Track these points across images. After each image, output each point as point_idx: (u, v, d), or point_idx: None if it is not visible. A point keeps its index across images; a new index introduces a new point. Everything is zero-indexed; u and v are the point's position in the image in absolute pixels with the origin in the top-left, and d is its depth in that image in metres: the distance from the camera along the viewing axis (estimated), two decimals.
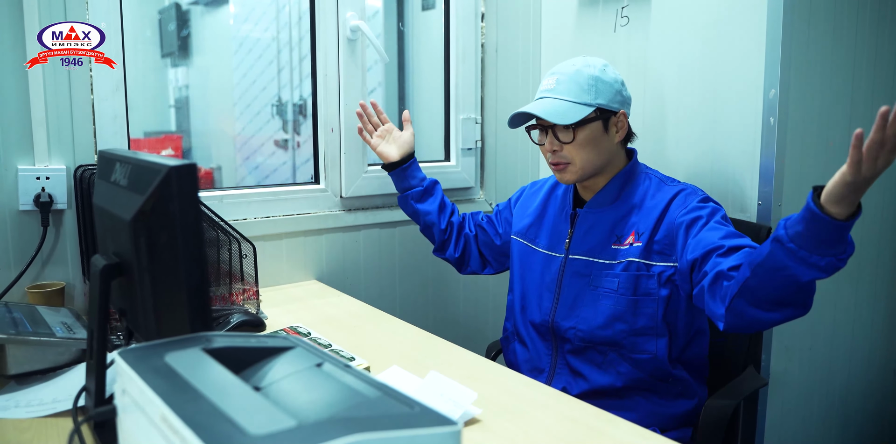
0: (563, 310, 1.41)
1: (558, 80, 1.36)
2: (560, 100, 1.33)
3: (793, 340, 1.70)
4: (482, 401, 1.06)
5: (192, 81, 4.99)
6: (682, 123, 1.74)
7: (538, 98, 1.38)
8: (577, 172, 1.37)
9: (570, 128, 1.34)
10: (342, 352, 1.26)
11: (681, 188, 1.36)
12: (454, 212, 1.70)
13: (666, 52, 1.76)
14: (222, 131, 4.71)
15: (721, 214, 1.29)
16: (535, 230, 1.50)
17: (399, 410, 0.65)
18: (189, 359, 0.74)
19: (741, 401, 1.55)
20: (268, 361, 0.79)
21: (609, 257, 1.36)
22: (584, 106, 1.33)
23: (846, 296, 1.80)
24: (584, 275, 1.39)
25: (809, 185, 1.66)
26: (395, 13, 3.30)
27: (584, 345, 1.38)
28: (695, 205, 1.30)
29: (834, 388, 1.84)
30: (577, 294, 1.39)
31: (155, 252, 0.88)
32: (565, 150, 1.35)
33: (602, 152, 1.37)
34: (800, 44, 1.56)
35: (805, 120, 1.61)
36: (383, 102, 3.54)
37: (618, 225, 1.37)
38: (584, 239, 1.40)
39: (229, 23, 4.81)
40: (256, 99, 4.56)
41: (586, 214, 1.41)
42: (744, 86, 1.60)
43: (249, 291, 1.50)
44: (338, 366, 0.74)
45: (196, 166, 0.82)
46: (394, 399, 0.67)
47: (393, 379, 1.14)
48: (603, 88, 1.35)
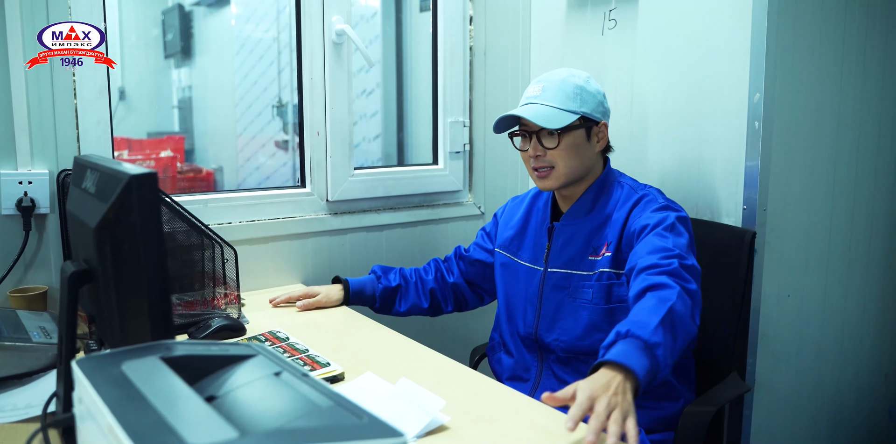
0: (545, 322, 1.41)
1: (544, 87, 1.37)
2: (546, 106, 1.34)
3: (780, 345, 1.69)
4: (454, 408, 1.06)
5: (195, 82, 5.01)
6: (668, 126, 1.73)
7: (524, 104, 1.39)
8: (559, 179, 1.37)
9: (555, 133, 1.34)
10: (318, 358, 1.26)
11: (642, 195, 1.37)
12: (424, 281, 1.63)
13: (653, 56, 1.75)
14: (224, 132, 4.72)
15: (669, 222, 1.26)
16: (518, 243, 1.50)
17: (348, 421, 0.65)
18: (145, 368, 0.74)
19: (724, 407, 1.56)
20: (228, 369, 0.79)
21: (587, 269, 1.37)
22: (570, 113, 1.34)
23: (835, 299, 1.79)
24: (563, 287, 1.39)
25: (796, 189, 1.67)
26: (393, 15, 3.30)
27: (567, 355, 1.39)
28: (648, 213, 1.31)
29: (823, 394, 1.82)
30: (557, 306, 1.40)
31: (118, 260, 0.88)
32: (549, 155, 1.36)
33: (583, 160, 1.38)
34: (785, 47, 1.55)
35: (791, 124, 1.60)
36: (381, 104, 3.54)
37: (594, 236, 1.37)
38: (562, 252, 1.40)
39: (231, 24, 4.82)
40: (258, 100, 4.57)
41: (562, 227, 1.41)
42: (729, 90, 1.59)
43: (231, 295, 1.51)
44: (296, 375, 0.74)
45: (156, 175, 0.82)
46: (345, 410, 0.67)
47: (365, 386, 1.14)
48: (587, 98, 1.37)
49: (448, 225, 2.05)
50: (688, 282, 1.13)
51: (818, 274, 1.74)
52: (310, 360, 1.25)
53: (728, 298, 1.54)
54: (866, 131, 1.77)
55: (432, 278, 1.63)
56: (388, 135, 3.37)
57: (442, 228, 2.04)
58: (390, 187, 1.93)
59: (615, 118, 1.86)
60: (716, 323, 1.55)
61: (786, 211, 1.63)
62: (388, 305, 1.61)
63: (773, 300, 1.66)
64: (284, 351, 1.30)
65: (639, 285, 1.13)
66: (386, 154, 3.35)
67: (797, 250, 1.68)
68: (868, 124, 1.77)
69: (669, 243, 1.21)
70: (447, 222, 2.04)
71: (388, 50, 3.30)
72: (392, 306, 1.61)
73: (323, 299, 1.60)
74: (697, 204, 1.68)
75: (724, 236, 1.57)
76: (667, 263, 1.15)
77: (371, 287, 1.60)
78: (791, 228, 1.65)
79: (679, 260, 1.16)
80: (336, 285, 1.63)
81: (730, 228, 1.58)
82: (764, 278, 1.62)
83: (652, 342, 0.97)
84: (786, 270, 1.66)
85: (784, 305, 1.68)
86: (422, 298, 1.61)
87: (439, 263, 1.68)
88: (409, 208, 1.98)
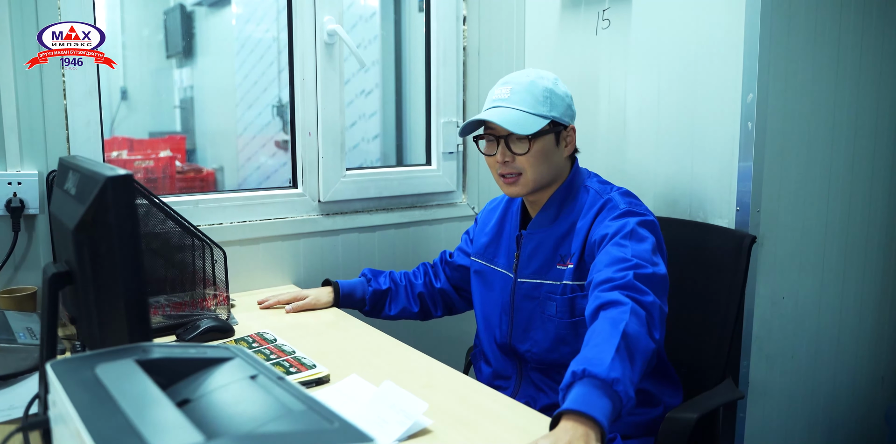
0: (518, 332, 1.39)
1: (512, 89, 1.32)
2: (516, 110, 1.30)
3: (774, 348, 1.68)
4: (437, 411, 1.05)
5: (196, 82, 5.01)
6: (661, 126, 1.72)
7: (491, 107, 1.34)
8: (527, 185, 1.33)
9: (525, 139, 1.30)
10: (304, 360, 1.25)
11: (605, 201, 1.32)
12: (414, 285, 1.62)
13: (646, 55, 1.74)
14: (225, 132, 4.72)
15: (627, 230, 1.22)
16: (494, 249, 1.47)
17: (318, 425, 0.65)
18: (119, 371, 0.74)
19: (717, 412, 1.54)
20: (204, 372, 0.78)
21: (555, 278, 1.34)
22: (539, 117, 1.30)
23: (831, 301, 1.78)
24: (533, 298, 1.37)
25: (790, 190, 1.66)
26: (391, 15, 3.29)
27: (541, 366, 1.38)
28: (608, 222, 1.27)
29: (818, 397, 1.81)
30: (529, 317, 1.38)
31: (96, 262, 0.87)
32: (518, 161, 1.32)
33: (552, 166, 1.34)
34: (779, 47, 1.54)
35: (785, 124, 1.59)
36: (380, 104, 3.53)
37: (561, 245, 1.34)
38: (530, 261, 1.37)
39: (231, 24, 4.82)
40: (258, 100, 4.57)
41: (529, 235, 1.38)
42: (722, 90, 1.58)
43: (220, 296, 1.50)
44: (271, 378, 0.74)
45: (132, 177, 0.82)
46: (317, 414, 0.67)
47: (349, 388, 1.14)
48: (557, 102, 1.33)
49: (441, 226, 2.04)
50: (643, 294, 1.10)
51: (813, 276, 1.73)
52: (296, 362, 1.24)
53: (723, 302, 1.52)
54: (862, 132, 1.76)
55: (421, 283, 1.62)
56: (386, 135, 3.37)
57: (435, 229, 2.03)
58: (383, 188, 1.92)
59: (608, 118, 1.86)
60: (710, 327, 1.54)
61: (779, 212, 1.62)
62: (378, 308, 1.60)
63: (766, 302, 1.65)
64: (271, 353, 1.29)
65: (592, 303, 1.11)
66: (384, 154, 3.34)
67: (791, 251, 1.67)
68: (864, 124, 1.76)
69: (628, 253, 1.17)
70: (440, 222, 2.04)
71: (387, 50, 3.29)
72: (382, 309, 1.60)
73: (312, 301, 1.59)
74: (691, 205, 1.67)
75: (721, 240, 1.54)
76: (621, 276, 1.12)
77: (361, 290, 1.59)
78: (785, 229, 1.64)
79: (635, 271, 1.13)
80: (326, 288, 1.63)
81: (727, 231, 1.57)
82: (758, 279, 1.61)
83: (610, 379, 0.93)
84: (780, 271, 1.65)
85: (778, 307, 1.67)
86: (412, 302, 1.60)
87: (427, 267, 1.66)
88: (401, 209, 1.97)
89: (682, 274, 1.62)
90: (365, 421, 1.01)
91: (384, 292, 1.59)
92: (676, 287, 1.63)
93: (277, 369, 1.22)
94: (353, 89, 3.93)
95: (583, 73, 1.91)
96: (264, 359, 1.27)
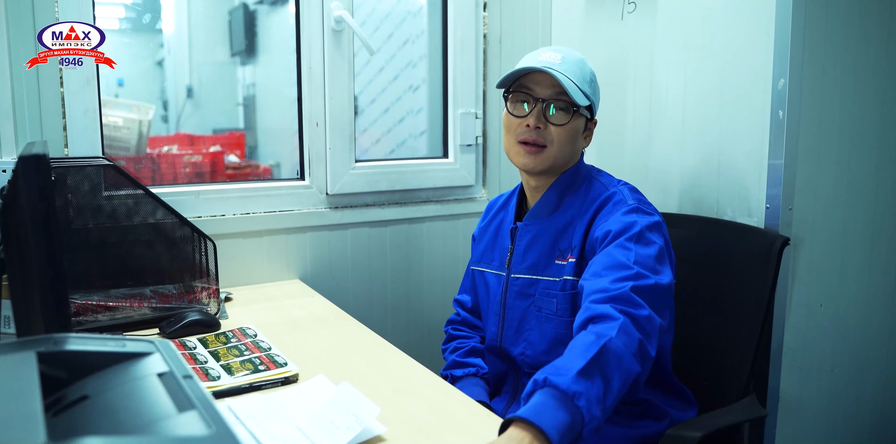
0: (509, 334, 1.28)
1: (564, 58, 1.20)
2: (568, 78, 1.18)
3: (809, 360, 1.52)
4: (399, 418, 0.98)
5: (259, 80, 5.09)
6: (687, 115, 1.59)
7: (539, 67, 1.19)
8: (547, 161, 1.21)
9: (569, 110, 1.19)
10: (277, 357, 1.19)
11: (611, 193, 1.21)
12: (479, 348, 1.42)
13: (672, 40, 1.61)
14: (284, 129, 4.78)
15: (635, 231, 1.10)
16: (490, 253, 1.36)
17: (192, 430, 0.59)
18: (13, 364, 0.70)
19: (738, 431, 1.40)
20: (116, 367, 0.75)
21: (553, 274, 1.23)
22: (584, 96, 1.20)
23: (878, 309, 1.59)
24: (527, 295, 1.26)
25: (825, 186, 1.49)
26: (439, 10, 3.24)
27: (536, 371, 1.26)
28: (614, 217, 1.15)
29: (863, 415, 1.63)
30: (522, 317, 1.26)
31: (18, 248, 0.84)
32: (550, 131, 1.20)
33: (574, 151, 1.24)
34: (815, 25, 1.38)
35: (822, 114, 1.43)
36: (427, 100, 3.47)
37: (560, 238, 1.23)
38: (525, 255, 1.26)
39: (291, 22, 4.87)
40: None
41: (526, 227, 1.27)
42: (752, 75, 1.44)
43: (210, 289, 1.46)
44: (178, 377, 0.69)
45: (45, 158, 0.77)
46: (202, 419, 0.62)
47: (311, 389, 1.07)
48: (596, 90, 1.25)
49: (459, 222, 1.95)
50: (638, 308, 0.99)
51: (857, 282, 1.56)
52: (268, 359, 1.18)
53: (750, 310, 1.38)
54: None
55: (478, 341, 1.43)
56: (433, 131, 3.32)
57: (453, 224, 1.95)
58: (395, 181, 1.85)
59: (634, 107, 1.73)
60: (734, 338, 1.40)
61: (815, 211, 1.46)
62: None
63: (801, 310, 1.49)
64: (247, 348, 1.24)
65: (581, 314, 1.00)
66: (431, 150, 3.31)
67: (830, 254, 1.50)
68: None
69: (631, 258, 1.06)
70: (458, 218, 1.95)
71: (434, 45, 3.24)
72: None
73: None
74: (718, 201, 1.53)
75: (749, 242, 1.40)
76: (617, 287, 1.01)
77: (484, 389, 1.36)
78: (822, 229, 1.47)
79: (634, 281, 1.02)
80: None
81: (756, 231, 1.42)
82: (790, 285, 1.46)
83: (571, 392, 0.84)
84: (817, 277, 1.49)
85: (815, 315, 1.51)
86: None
87: (461, 329, 1.45)
88: (416, 204, 1.89)
89: (703, 278, 1.49)
90: (315, 425, 0.94)
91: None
92: (695, 293, 1.50)
93: (246, 366, 1.17)
94: (401, 85, 3.90)
95: (610, 60, 1.78)
96: (238, 355, 1.22)
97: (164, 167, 3.99)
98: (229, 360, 1.19)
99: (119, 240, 1.41)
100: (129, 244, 1.42)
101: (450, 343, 1.43)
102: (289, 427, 0.94)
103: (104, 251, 1.41)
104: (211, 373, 1.13)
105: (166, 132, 4.60)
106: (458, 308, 1.47)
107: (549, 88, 1.20)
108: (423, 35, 3.32)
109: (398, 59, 3.84)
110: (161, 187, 1.60)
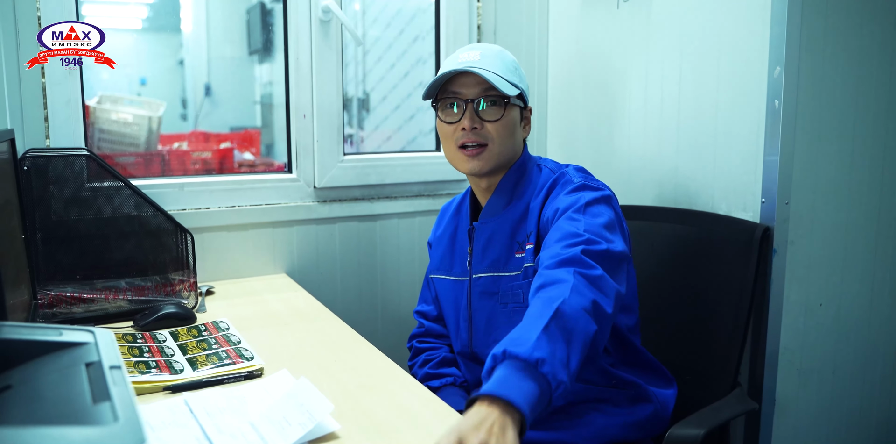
0: (479, 336, 1.25)
1: (482, 54, 1.20)
2: (491, 72, 1.17)
3: (809, 362, 1.45)
4: (356, 414, 0.94)
5: (275, 78, 5.10)
6: (683, 104, 1.54)
7: (461, 67, 1.17)
8: (491, 159, 1.19)
9: (500, 104, 1.18)
10: (244, 351, 1.16)
11: (559, 175, 1.19)
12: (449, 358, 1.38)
13: (667, 27, 1.56)
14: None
15: (581, 203, 1.08)
16: (449, 260, 1.32)
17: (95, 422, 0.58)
18: None
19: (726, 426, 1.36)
20: (48, 356, 0.74)
21: (514, 268, 1.19)
22: (512, 86, 1.18)
23: (884, 309, 1.52)
24: (492, 293, 1.22)
25: (824, 179, 1.43)
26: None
27: None
28: (562, 196, 1.13)
29: (867, 420, 1.56)
30: (489, 316, 1.23)
31: None
32: (486, 129, 1.18)
33: (515, 143, 1.22)
34: (814, 11, 1.32)
35: (821, 104, 1.37)
36: None
37: (518, 229, 1.20)
38: (485, 254, 1.23)
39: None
40: None
41: (482, 226, 1.24)
42: (748, 63, 1.38)
43: (188, 282, 1.44)
44: (104, 368, 0.68)
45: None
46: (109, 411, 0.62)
47: (272, 384, 1.04)
48: (522, 77, 1.23)
49: None
50: (590, 268, 0.95)
51: (861, 281, 1.49)
52: (235, 353, 1.16)
53: (732, 301, 1.34)
54: None
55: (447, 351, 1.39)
56: None
57: None
58: (385, 175, 1.81)
59: (627, 96, 1.68)
60: (716, 330, 1.36)
61: (814, 205, 1.39)
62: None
63: (799, 310, 1.42)
64: (216, 342, 1.21)
65: (535, 283, 0.96)
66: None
67: (831, 251, 1.44)
68: None
69: (580, 227, 1.02)
70: None
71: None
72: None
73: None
74: (713, 195, 1.48)
75: (730, 232, 1.37)
76: (568, 252, 0.97)
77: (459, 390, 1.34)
78: (821, 225, 1.41)
79: (586, 246, 0.98)
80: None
81: (737, 221, 1.38)
82: (787, 282, 1.39)
83: (533, 360, 0.79)
84: (816, 275, 1.43)
85: (814, 315, 1.45)
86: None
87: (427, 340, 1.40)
88: (407, 197, 1.85)
89: (685, 273, 1.45)
90: (268, 420, 0.91)
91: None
92: (677, 287, 1.45)
93: (212, 359, 1.14)
94: (411, 82, 3.89)
95: (606, 48, 1.73)
96: (206, 348, 1.19)
97: (173, 163, 4.00)
98: (196, 353, 1.16)
99: (97, 231, 1.40)
100: (107, 236, 1.40)
101: (417, 357, 1.38)
102: (241, 422, 0.91)
103: (83, 243, 1.39)
104: (174, 366, 1.10)
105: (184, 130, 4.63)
106: (421, 319, 1.42)
107: (475, 86, 1.18)
108: (433, 31, 3.30)
109: (409, 56, 3.82)
110: (145, 179, 1.58)
